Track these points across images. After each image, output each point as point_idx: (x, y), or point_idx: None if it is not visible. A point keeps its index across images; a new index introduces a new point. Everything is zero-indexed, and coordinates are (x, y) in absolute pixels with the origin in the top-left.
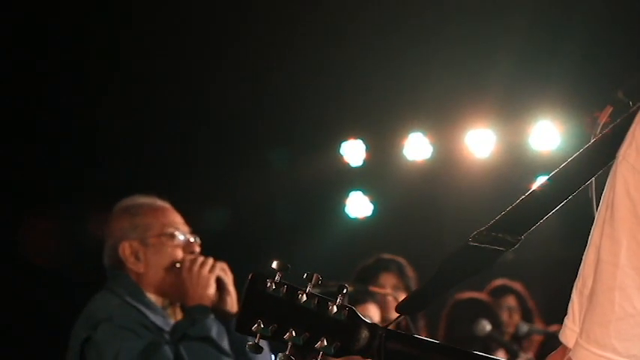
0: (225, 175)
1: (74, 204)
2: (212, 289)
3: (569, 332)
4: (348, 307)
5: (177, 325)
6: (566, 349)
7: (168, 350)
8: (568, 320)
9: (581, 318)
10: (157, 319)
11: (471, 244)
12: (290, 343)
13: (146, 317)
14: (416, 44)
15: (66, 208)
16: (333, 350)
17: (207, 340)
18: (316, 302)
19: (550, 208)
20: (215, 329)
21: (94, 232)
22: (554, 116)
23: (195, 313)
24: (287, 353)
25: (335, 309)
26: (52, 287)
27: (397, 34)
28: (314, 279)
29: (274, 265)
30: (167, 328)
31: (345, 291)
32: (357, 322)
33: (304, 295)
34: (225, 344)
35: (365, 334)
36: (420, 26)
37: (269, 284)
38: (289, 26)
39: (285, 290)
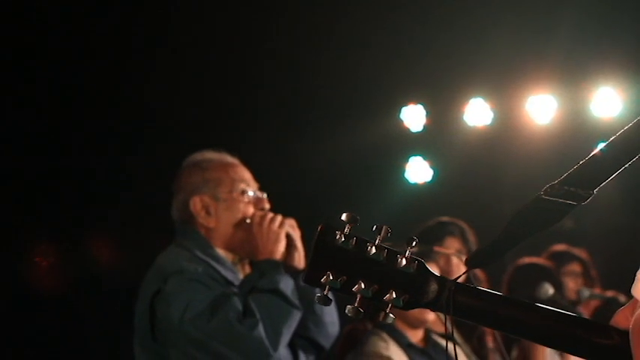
0: (288, 140)
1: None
2: (282, 245)
3: None
4: (417, 259)
5: (246, 279)
6: (637, 302)
7: (237, 301)
8: None
9: None
10: (226, 274)
11: (544, 197)
12: (359, 296)
13: (216, 271)
14: (478, 9)
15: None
16: (401, 303)
17: (276, 292)
18: (385, 254)
19: (622, 164)
20: (284, 282)
21: None
22: (616, 83)
23: (264, 267)
24: (356, 305)
25: (404, 261)
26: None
27: None
28: (383, 231)
29: (343, 217)
30: (236, 283)
31: (414, 244)
32: (426, 274)
33: (373, 248)
34: (293, 297)
35: (434, 286)
36: None
37: (338, 236)
38: None
39: (354, 242)
